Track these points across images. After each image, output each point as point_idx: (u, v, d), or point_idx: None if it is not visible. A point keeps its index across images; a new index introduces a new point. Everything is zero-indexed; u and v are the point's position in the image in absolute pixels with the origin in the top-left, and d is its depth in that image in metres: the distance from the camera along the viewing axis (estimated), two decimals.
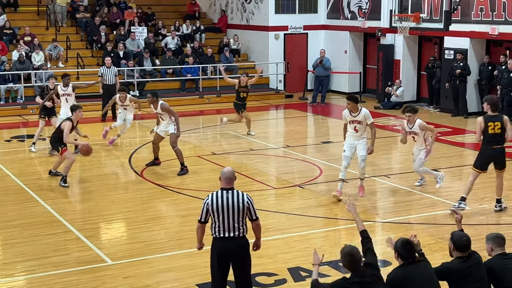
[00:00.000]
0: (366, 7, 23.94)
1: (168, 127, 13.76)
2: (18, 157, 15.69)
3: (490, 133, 10.71)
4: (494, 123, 10.70)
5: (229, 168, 7.10)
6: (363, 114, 11.77)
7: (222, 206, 6.82)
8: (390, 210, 11.59)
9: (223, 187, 6.94)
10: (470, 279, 6.11)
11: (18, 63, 21.55)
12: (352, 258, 5.96)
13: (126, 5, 25.88)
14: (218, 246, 6.94)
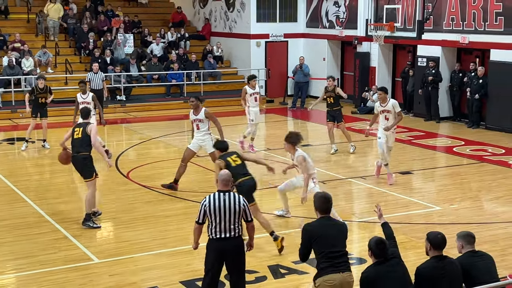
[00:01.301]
0: (344, 16, 24.04)
1: (204, 141, 12.16)
2: (8, 159, 15.56)
3: None
4: None
5: (226, 171, 7.12)
6: (391, 103, 12.64)
7: (220, 208, 6.80)
8: (366, 210, 11.62)
9: (220, 189, 6.94)
10: (446, 277, 6.11)
11: (8, 68, 21.37)
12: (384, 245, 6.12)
13: (113, 13, 25.77)
14: (216, 246, 6.89)
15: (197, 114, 12.06)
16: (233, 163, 9.38)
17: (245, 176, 9.45)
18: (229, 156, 9.54)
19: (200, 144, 12.19)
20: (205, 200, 6.88)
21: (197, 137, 12.21)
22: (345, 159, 15.40)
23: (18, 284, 8.40)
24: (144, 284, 8.24)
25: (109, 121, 19.28)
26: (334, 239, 6.34)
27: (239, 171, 9.35)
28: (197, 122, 12.11)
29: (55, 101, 21.80)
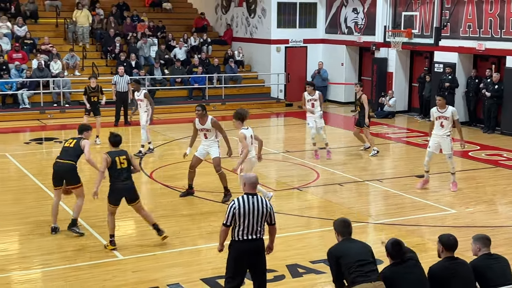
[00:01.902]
0: (362, 23, 23.98)
1: (211, 148, 11.71)
2: (36, 158, 15.71)
3: None
4: None
5: (254, 174, 7.04)
6: (451, 110, 12.20)
7: (249, 211, 6.72)
8: (382, 212, 11.57)
9: (248, 192, 6.83)
10: (456, 277, 6.09)
11: (37, 71, 21.57)
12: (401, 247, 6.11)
13: (138, 18, 25.93)
14: (241, 247, 6.81)
15: (203, 123, 11.61)
16: (119, 165, 9.10)
17: (124, 181, 9.18)
18: (118, 156, 9.15)
19: (206, 150, 11.75)
20: (234, 203, 6.75)
21: (204, 144, 11.79)
22: (362, 162, 15.34)
23: (45, 279, 8.47)
24: (166, 280, 8.27)
25: (133, 123, 19.39)
26: (358, 254, 6.23)
27: (120, 175, 9.10)
28: (204, 131, 11.71)
29: (81, 102, 22.06)
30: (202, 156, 11.81)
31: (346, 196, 12.41)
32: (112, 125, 19.26)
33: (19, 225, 10.45)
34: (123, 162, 9.18)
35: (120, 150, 9.36)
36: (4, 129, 19.15)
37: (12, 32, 23.38)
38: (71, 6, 26.19)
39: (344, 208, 11.54)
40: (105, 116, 20.30)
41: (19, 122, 19.99)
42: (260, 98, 24.61)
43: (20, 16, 24.07)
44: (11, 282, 8.34)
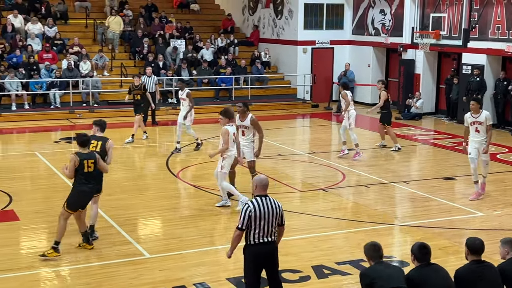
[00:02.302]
0: (389, 24, 23.84)
1: (246, 149, 11.56)
2: (66, 157, 15.82)
3: None
4: None
5: (265, 176, 6.99)
6: (485, 115, 11.80)
7: (265, 213, 6.65)
8: (409, 214, 11.49)
9: (260, 194, 6.75)
10: (483, 281, 6.03)
11: (67, 71, 21.82)
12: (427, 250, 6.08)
13: (166, 19, 26.09)
14: (257, 251, 6.72)
15: (243, 120, 11.56)
16: (86, 169, 8.84)
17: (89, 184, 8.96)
18: (87, 159, 8.86)
19: (242, 150, 11.54)
20: (249, 206, 6.65)
21: (240, 143, 11.52)
22: (389, 164, 15.24)
23: (73, 276, 8.56)
24: (192, 279, 8.31)
25: (160, 123, 19.54)
26: (391, 278, 5.97)
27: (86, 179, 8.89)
28: (242, 128, 11.61)
29: (110, 102, 22.29)
30: (240, 156, 11.59)
31: (372, 198, 12.35)
32: None
33: (48, 223, 10.56)
34: (90, 166, 8.89)
35: (89, 152, 9.03)
36: (34, 128, 19.41)
37: (42, 32, 23.69)
38: (100, 7, 26.46)
39: (370, 209, 11.48)
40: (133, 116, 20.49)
41: (49, 121, 20.24)
42: (286, 99, 24.60)
43: (51, 17, 24.38)
44: (40, 279, 8.45)
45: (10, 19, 23.36)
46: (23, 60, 21.98)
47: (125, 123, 20.19)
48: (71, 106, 21.39)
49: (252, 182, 6.79)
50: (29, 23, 23.61)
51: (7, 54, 22.35)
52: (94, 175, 9.04)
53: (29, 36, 23.15)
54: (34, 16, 24.14)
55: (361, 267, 8.74)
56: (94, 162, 8.95)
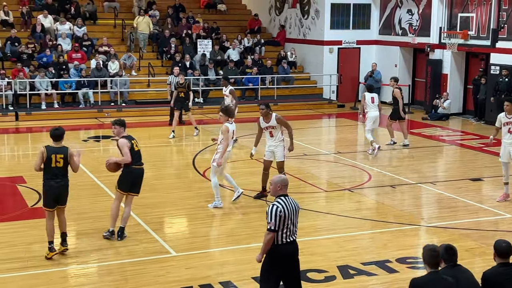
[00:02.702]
0: (417, 24, 23.64)
1: (277, 149, 11.49)
2: (94, 155, 16.04)
3: None
4: None
5: (284, 176, 6.96)
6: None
7: (292, 212, 6.62)
8: (435, 215, 11.38)
9: (283, 193, 6.67)
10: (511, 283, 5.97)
11: (95, 70, 22.04)
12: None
13: (194, 20, 26.20)
14: (285, 250, 6.64)
15: (268, 121, 11.45)
16: (54, 163, 8.58)
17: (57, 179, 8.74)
18: (55, 153, 8.57)
19: (273, 151, 11.56)
20: (279, 207, 6.55)
21: (270, 145, 11.58)
22: (415, 164, 15.12)
23: (100, 273, 8.64)
24: (218, 278, 8.33)
25: (187, 122, 19.61)
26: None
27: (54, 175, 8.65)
28: (270, 129, 11.51)
29: (137, 101, 22.45)
30: (271, 157, 11.64)
31: (398, 198, 12.26)
32: (167, 124, 19.50)
33: (76, 221, 10.68)
34: (59, 161, 8.55)
35: (60, 147, 8.67)
36: (63, 126, 19.55)
37: (72, 32, 23.94)
38: (128, 7, 26.67)
39: (396, 210, 11.40)
40: (159, 115, 20.64)
41: (78, 120, 20.46)
42: (312, 99, 24.54)
43: (80, 17, 24.63)
44: (67, 276, 8.54)
45: (40, 19, 23.66)
46: (53, 59, 22.25)
47: (152, 122, 20.34)
48: (99, 105, 21.59)
49: (272, 182, 6.68)
50: (58, 23, 23.89)
51: (37, 53, 22.64)
52: (62, 171, 8.66)
53: (59, 36, 23.42)
54: (63, 17, 24.41)
55: (386, 267, 8.70)
56: (64, 157, 8.58)
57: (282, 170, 11.57)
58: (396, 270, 8.64)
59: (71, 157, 8.71)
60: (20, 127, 19.62)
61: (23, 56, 22.06)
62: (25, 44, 22.57)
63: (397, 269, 8.67)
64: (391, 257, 9.07)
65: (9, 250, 8.65)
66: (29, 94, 20.91)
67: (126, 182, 9.51)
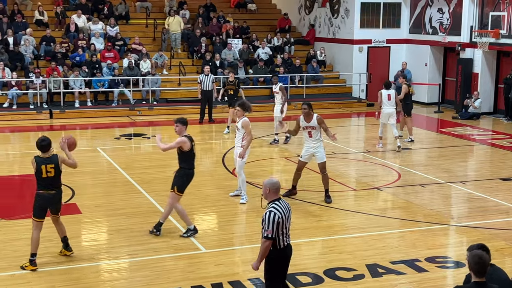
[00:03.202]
0: (447, 23, 23.38)
1: (317, 149, 11.39)
2: (125, 153, 16.21)
3: None
4: None
5: (276, 179, 6.71)
6: None
7: (288, 216, 6.55)
8: (465, 214, 11.25)
9: (276, 197, 6.56)
10: None
11: (128, 69, 22.24)
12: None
13: (224, 19, 26.28)
14: (286, 253, 6.60)
15: (309, 121, 11.29)
16: (44, 174, 8.29)
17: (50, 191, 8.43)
18: (45, 164, 8.27)
19: (312, 152, 11.46)
20: (276, 214, 6.43)
21: (309, 146, 11.45)
22: (445, 164, 14.96)
23: (132, 269, 8.73)
24: (247, 275, 8.35)
25: (217, 120, 19.68)
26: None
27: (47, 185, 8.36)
28: (309, 129, 11.37)
29: (169, 100, 22.62)
30: (308, 159, 11.60)
31: (427, 198, 12.15)
32: (197, 123, 19.62)
33: (108, 216, 10.82)
34: (50, 171, 8.29)
35: (49, 156, 8.38)
36: (96, 124, 19.87)
37: (104, 32, 24.21)
38: (160, 7, 26.86)
39: (426, 209, 11.30)
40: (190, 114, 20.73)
41: (110, 118, 20.68)
42: (342, 98, 24.44)
43: (113, 17, 24.89)
44: (100, 271, 8.65)
45: (73, 18, 23.97)
46: (86, 58, 22.52)
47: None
48: (131, 104, 21.79)
49: (263, 185, 6.58)
50: (90, 23, 24.17)
51: (71, 53, 22.94)
52: (54, 180, 8.41)
53: (93, 35, 23.70)
54: (96, 17, 24.70)
55: (415, 266, 8.64)
56: (55, 166, 8.33)
57: (324, 170, 11.49)
58: (425, 269, 8.57)
59: (64, 162, 8.49)
60: (54, 124, 19.92)
61: (57, 55, 22.37)
62: (59, 43, 22.89)
63: (426, 268, 8.60)
64: (420, 256, 9.00)
65: (43, 245, 8.79)
66: (63, 92, 21.20)
67: (186, 184, 9.72)
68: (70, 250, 8.92)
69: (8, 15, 23.77)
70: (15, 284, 8.06)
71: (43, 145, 8.39)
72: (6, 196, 12.25)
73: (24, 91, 21.11)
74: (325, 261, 8.81)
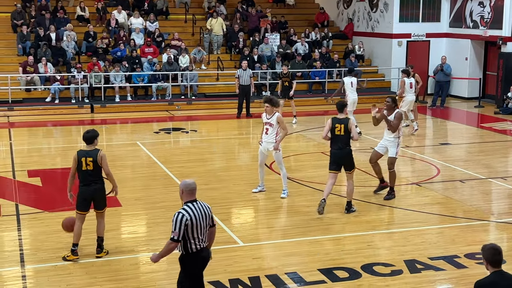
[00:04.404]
0: (488, 16, 22.91)
1: (391, 145, 11.37)
2: (165, 147, 16.34)
3: None
4: None
5: (191, 180, 6.40)
6: None
7: (200, 219, 6.22)
8: (505, 211, 11.03)
9: (190, 199, 6.27)
10: None
11: (167, 64, 22.40)
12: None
13: (262, 14, 26.25)
14: (197, 259, 6.29)
15: (390, 114, 11.32)
16: (84, 167, 8.40)
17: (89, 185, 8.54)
18: (85, 156, 8.40)
19: (387, 146, 11.42)
20: (184, 215, 6.13)
21: (387, 138, 11.41)
22: (486, 159, 14.69)
23: (170, 261, 8.70)
24: (284, 269, 8.34)
25: (254, 115, 19.70)
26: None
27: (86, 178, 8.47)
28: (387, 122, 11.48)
29: (207, 95, 22.72)
30: (382, 151, 11.50)
31: (467, 193, 11.95)
32: (235, 117, 19.66)
33: (148, 209, 10.93)
34: (89, 164, 8.35)
35: (91, 150, 8.47)
36: (136, 119, 20.08)
37: (144, 27, 24.43)
38: (199, 3, 26.97)
39: (465, 205, 11.12)
40: (228, 108, 20.81)
41: (149, 113, 20.87)
42: (380, 92, 24.14)
43: (152, 12, 25.09)
44: (139, 263, 8.75)
45: (114, 14, 24.25)
46: (126, 54, 22.76)
47: (221, 115, 20.54)
48: (170, 99, 21.96)
49: (179, 188, 6.33)
50: (132, 18, 24.41)
51: (112, 48, 23.21)
52: (93, 174, 8.45)
53: (133, 30, 23.94)
54: (137, 12, 24.93)
55: (455, 263, 8.51)
56: (94, 160, 8.37)
57: (392, 166, 11.38)
58: (464, 266, 8.44)
59: (102, 160, 8.48)
60: (95, 118, 20.20)
61: (98, 50, 22.66)
62: (100, 38, 23.19)
63: (465, 265, 8.47)
64: (460, 252, 8.86)
65: (84, 237, 8.91)
66: (103, 87, 21.48)
67: (332, 161, 10.51)
68: (99, 252, 8.73)
69: (51, 11, 24.17)
70: (57, 275, 8.21)
71: (87, 137, 8.51)
72: (49, 188, 12.47)
73: (66, 86, 21.45)
74: (363, 256, 8.75)
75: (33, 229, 9.97)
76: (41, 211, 10.77)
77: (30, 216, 10.51)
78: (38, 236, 9.59)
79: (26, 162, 14.31)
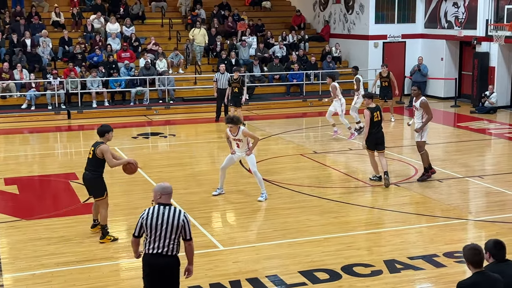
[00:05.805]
0: (463, 17, 23.17)
1: (424, 131, 12.53)
2: (143, 152, 16.25)
3: None
4: None
5: (168, 184, 6.38)
6: None
7: (157, 222, 6.16)
8: (483, 209, 11.15)
9: (161, 202, 6.26)
10: None
11: (144, 69, 22.31)
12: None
13: (239, 17, 26.26)
14: (148, 262, 6.25)
15: (417, 101, 12.45)
16: (88, 155, 9.46)
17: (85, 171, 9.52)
18: (93, 146, 9.40)
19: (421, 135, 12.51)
20: (144, 213, 6.26)
21: (416, 122, 12.54)
22: (463, 158, 14.84)
23: None
24: (265, 272, 8.34)
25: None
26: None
27: (87, 165, 9.47)
28: (414, 109, 12.62)
29: (185, 99, 22.65)
30: (420, 138, 12.54)
31: (445, 193, 12.06)
32: (213, 121, 19.63)
33: (127, 215, 10.85)
34: (90, 153, 9.39)
35: (98, 141, 9.43)
36: (114, 124, 19.80)
37: (121, 32, 24.29)
38: (176, 7, 26.89)
39: (444, 204, 11.21)
40: (206, 112, 20.76)
41: (127, 118, 20.75)
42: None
43: (128, 17, 24.96)
44: (119, 270, 8.69)
45: (90, 19, 24.08)
46: (103, 59, 22.62)
47: (199, 119, 20.50)
48: (148, 103, 21.86)
49: (154, 190, 6.35)
50: (109, 23, 24.26)
51: (88, 53, 23.05)
52: (89, 162, 9.42)
53: (109, 35, 23.79)
54: (113, 16, 24.78)
55: (434, 262, 8.57)
56: (93, 150, 9.34)
57: (421, 149, 12.49)
58: (443, 265, 8.51)
59: (104, 154, 9.23)
60: (72, 125, 20.04)
61: (77, 56, 22.47)
62: (76, 44, 23.01)
63: (444, 264, 8.54)
64: (439, 251, 8.93)
65: (62, 244, 8.83)
66: (80, 93, 21.32)
67: (371, 142, 12.31)
68: (101, 238, 9.51)
69: (25, 17, 23.94)
70: (36, 284, 8.12)
71: (98, 131, 9.46)
72: (26, 196, 12.33)
73: (42, 92, 21.26)
74: (343, 257, 8.78)
75: (11, 237, 9.85)
76: (19, 219, 10.64)
77: (7, 225, 10.38)
78: (15, 245, 9.48)
79: (2, 170, 14.14)
